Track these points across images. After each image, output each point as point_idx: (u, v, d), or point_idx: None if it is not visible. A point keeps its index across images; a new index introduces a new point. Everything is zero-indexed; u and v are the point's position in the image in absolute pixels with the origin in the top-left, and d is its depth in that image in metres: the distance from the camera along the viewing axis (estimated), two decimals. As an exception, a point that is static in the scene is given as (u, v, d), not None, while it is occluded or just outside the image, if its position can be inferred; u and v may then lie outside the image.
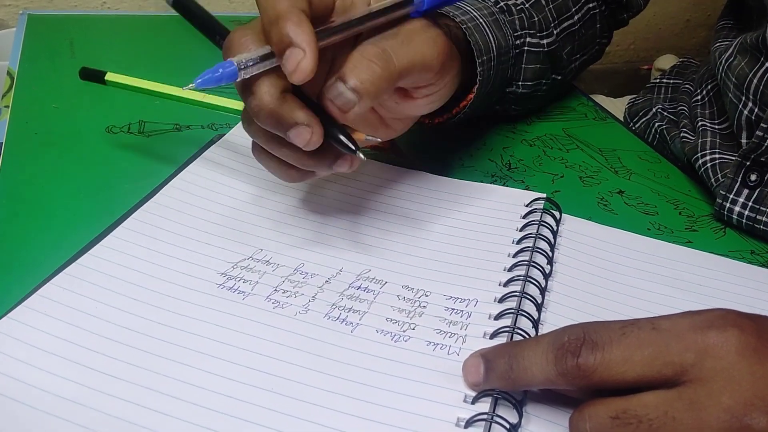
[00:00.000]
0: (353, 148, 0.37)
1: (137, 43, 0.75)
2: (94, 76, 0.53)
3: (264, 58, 0.35)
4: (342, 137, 0.37)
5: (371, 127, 0.45)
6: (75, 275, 0.38)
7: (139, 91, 0.53)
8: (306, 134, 0.35)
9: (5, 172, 0.48)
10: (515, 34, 0.56)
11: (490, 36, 0.51)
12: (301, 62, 0.34)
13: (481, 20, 0.51)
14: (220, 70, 0.34)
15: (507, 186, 0.52)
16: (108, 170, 0.49)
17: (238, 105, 0.49)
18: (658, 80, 0.73)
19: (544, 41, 0.59)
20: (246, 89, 0.36)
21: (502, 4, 0.56)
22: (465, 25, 0.49)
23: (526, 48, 0.57)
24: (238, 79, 0.35)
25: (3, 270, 0.39)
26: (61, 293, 0.37)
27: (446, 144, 0.58)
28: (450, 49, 0.42)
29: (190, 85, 0.34)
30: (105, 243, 0.41)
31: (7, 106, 0.56)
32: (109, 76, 0.52)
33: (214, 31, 0.41)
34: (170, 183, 0.47)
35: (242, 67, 0.35)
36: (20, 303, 0.36)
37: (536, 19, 0.58)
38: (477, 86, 0.50)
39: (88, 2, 1.12)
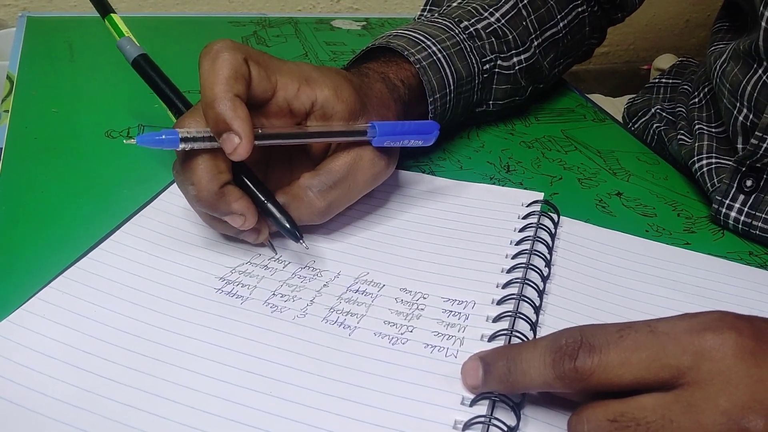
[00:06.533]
0: (298, 236, 0.40)
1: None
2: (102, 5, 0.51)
3: (207, 138, 0.37)
4: (288, 226, 0.40)
5: None
6: (74, 279, 0.38)
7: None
8: (239, 221, 0.39)
9: (5, 177, 0.48)
10: (483, 60, 0.57)
11: (448, 70, 0.53)
12: (237, 147, 0.36)
13: (439, 54, 0.53)
14: (164, 136, 0.36)
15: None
16: (107, 175, 0.49)
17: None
18: (657, 80, 0.73)
19: (521, 57, 0.59)
20: (187, 180, 0.38)
21: (471, 29, 0.57)
22: (419, 65, 0.51)
23: (496, 71, 0.58)
24: (178, 149, 0.36)
25: (2, 275, 0.39)
26: (59, 297, 0.37)
27: (444, 146, 0.58)
28: (390, 162, 0.44)
29: (132, 140, 0.36)
30: (104, 247, 0.41)
31: (7, 111, 0.57)
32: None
33: (175, 98, 0.44)
34: (169, 188, 0.47)
35: (184, 137, 0.36)
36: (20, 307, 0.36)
37: (510, 37, 0.59)
38: None
39: (87, 2, 1.11)
